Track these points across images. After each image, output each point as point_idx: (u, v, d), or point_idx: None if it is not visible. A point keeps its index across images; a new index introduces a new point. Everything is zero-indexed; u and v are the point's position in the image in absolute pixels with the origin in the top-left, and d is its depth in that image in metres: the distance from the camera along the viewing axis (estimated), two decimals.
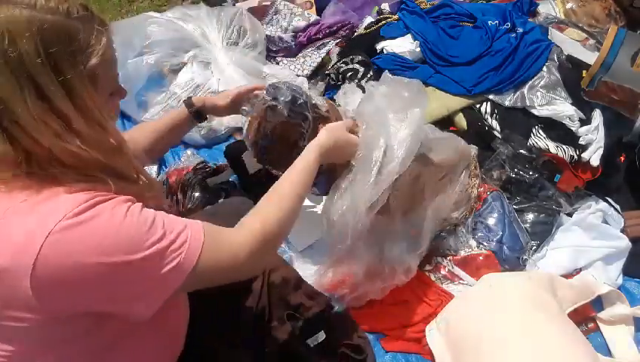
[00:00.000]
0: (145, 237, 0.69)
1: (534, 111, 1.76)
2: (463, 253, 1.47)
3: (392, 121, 1.20)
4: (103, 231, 0.66)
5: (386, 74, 1.38)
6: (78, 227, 0.64)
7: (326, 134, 1.07)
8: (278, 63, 2.21)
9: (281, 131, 1.20)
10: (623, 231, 1.50)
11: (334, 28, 2.20)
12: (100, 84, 0.72)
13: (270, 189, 0.95)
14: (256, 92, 1.24)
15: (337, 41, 2.17)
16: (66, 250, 0.64)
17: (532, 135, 1.71)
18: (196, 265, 0.73)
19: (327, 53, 2.15)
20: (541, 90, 1.77)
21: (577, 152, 1.68)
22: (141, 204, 0.73)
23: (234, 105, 1.27)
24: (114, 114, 0.82)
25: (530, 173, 1.60)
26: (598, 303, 1.40)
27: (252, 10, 2.29)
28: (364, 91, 1.90)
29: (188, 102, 1.25)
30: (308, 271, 1.39)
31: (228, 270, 0.81)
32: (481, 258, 1.44)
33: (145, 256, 0.68)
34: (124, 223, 0.68)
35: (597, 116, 1.74)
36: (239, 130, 2.01)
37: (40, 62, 0.63)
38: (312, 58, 2.15)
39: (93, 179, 0.70)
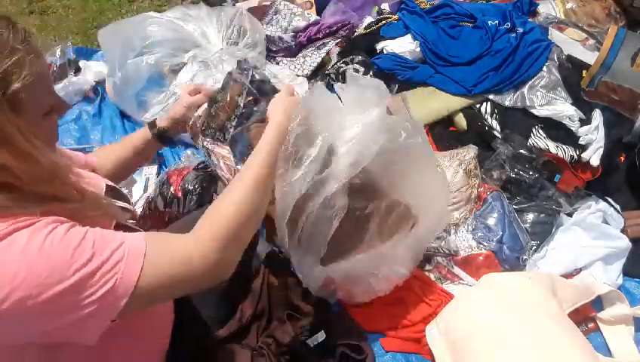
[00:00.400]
0: (68, 264, 0.62)
1: (534, 112, 1.75)
2: (463, 253, 1.47)
3: (346, 123, 1.03)
4: (18, 262, 0.59)
5: (351, 73, 1.30)
6: None
7: (281, 113, 0.95)
8: (278, 63, 2.21)
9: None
10: (623, 231, 1.50)
11: (334, 28, 2.19)
12: (27, 108, 0.64)
13: (231, 182, 0.88)
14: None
15: (337, 41, 2.17)
16: None
17: (532, 135, 1.72)
18: (138, 283, 0.66)
19: (327, 53, 2.15)
20: (541, 90, 1.77)
21: (577, 152, 1.68)
22: (69, 224, 0.66)
23: (188, 113, 1.16)
24: (51, 134, 0.74)
25: (530, 173, 1.60)
26: (598, 303, 1.40)
27: (252, 10, 2.28)
28: None
29: (151, 123, 1.18)
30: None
31: (183, 280, 0.73)
32: (481, 258, 1.44)
33: (70, 285, 0.62)
34: (43, 250, 0.61)
35: (597, 116, 1.74)
36: None
37: None
38: (312, 58, 2.15)
39: (16, 203, 0.64)
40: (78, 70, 2.19)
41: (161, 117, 1.19)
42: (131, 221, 0.94)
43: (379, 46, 2.03)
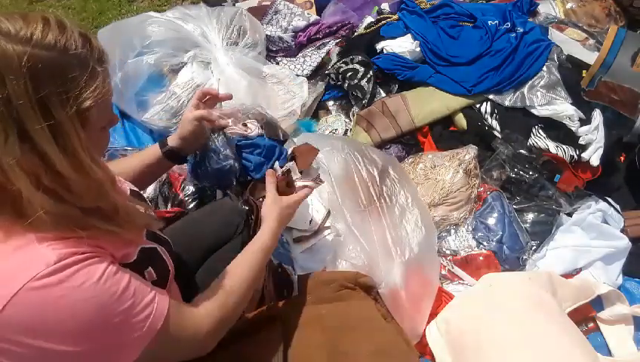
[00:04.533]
0: (115, 306, 0.68)
1: (534, 111, 1.76)
2: (463, 253, 1.47)
3: None
4: (74, 296, 0.65)
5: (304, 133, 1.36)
6: (50, 289, 0.63)
7: (276, 217, 1.04)
8: (278, 63, 2.21)
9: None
10: (623, 231, 1.50)
11: (334, 28, 2.19)
12: (92, 124, 0.68)
13: (229, 269, 0.95)
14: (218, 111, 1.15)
15: (337, 40, 2.16)
16: (33, 311, 0.62)
17: (532, 135, 1.71)
18: (157, 336, 0.74)
19: (327, 53, 2.15)
20: (541, 89, 1.77)
21: (577, 152, 1.68)
22: (116, 267, 0.71)
23: (199, 127, 1.12)
24: (104, 146, 0.79)
25: (530, 173, 1.60)
26: (598, 303, 1.40)
27: (252, 10, 2.28)
28: (363, 91, 1.91)
29: (162, 143, 1.15)
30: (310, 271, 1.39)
31: (186, 346, 0.82)
32: (481, 258, 1.44)
33: (113, 324, 0.68)
34: (97, 289, 0.67)
35: (597, 116, 1.74)
36: None
37: (29, 105, 0.59)
38: (311, 58, 2.15)
39: (63, 213, 0.67)
40: None
41: (172, 135, 1.15)
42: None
43: (379, 46, 2.03)
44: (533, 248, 1.49)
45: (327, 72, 2.06)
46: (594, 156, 1.67)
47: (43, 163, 0.62)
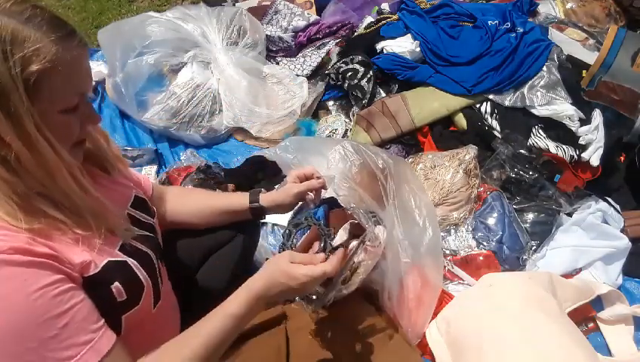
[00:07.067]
0: (34, 328, 0.63)
1: (534, 111, 1.75)
2: (463, 253, 1.47)
3: None
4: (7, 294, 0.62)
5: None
6: None
7: (263, 283, 0.85)
8: (278, 63, 2.21)
9: None
10: (623, 231, 1.50)
11: (334, 28, 2.20)
12: (42, 94, 0.66)
13: (186, 332, 0.81)
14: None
15: (337, 40, 2.17)
16: None
17: (532, 135, 1.71)
18: None
19: (327, 53, 2.15)
20: (541, 89, 1.77)
21: (577, 152, 1.67)
22: (67, 287, 0.66)
23: (296, 202, 1.11)
24: (66, 132, 0.73)
25: (530, 173, 1.60)
26: (598, 303, 1.40)
27: (252, 10, 2.29)
28: (363, 91, 1.91)
29: (254, 198, 1.11)
30: None
31: None
32: (481, 258, 1.44)
33: (22, 347, 0.62)
34: (26, 301, 0.62)
35: (597, 116, 1.74)
36: (239, 129, 2.01)
37: None
38: (311, 58, 2.15)
39: (11, 188, 0.65)
40: None
41: (265, 193, 1.11)
42: (150, 234, 0.93)
43: (379, 46, 2.03)
44: (533, 248, 1.49)
45: (327, 72, 2.06)
46: (594, 156, 1.67)
47: None
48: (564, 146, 1.68)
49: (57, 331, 0.64)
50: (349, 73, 1.93)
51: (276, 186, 1.11)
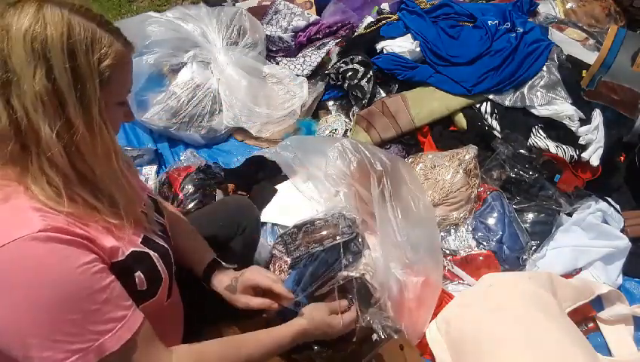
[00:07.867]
0: (79, 301, 0.66)
1: (534, 111, 1.76)
2: (463, 253, 1.47)
3: None
4: (45, 269, 0.65)
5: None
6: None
7: (312, 323, 0.98)
8: (278, 63, 2.21)
9: None
10: (623, 231, 1.50)
11: (334, 28, 2.20)
12: (110, 87, 0.75)
13: (232, 338, 0.93)
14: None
15: (337, 40, 2.17)
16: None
17: (532, 135, 1.72)
18: (107, 356, 0.68)
19: (327, 53, 2.15)
20: (541, 89, 1.77)
21: (577, 152, 1.68)
22: (102, 266, 0.70)
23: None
24: (116, 124, 0.82)
25: (530, 173, 1.60)
26: (598, 303, 1.40)
27: (252, 10, 2.29)
28: (363, 91, 1.91)
29: (214, 261, 1.07)
30: None
31: None
32: (481, 258, 1.44)
33: (66, 319, 0.65)
34: (72, 274, 0.66)
35: (597, 116, 1.74)
36: (239, 129, 2.01)
37: (59, 47, 0.68)
38: (311, 58, 2.15)
39: (64, 194, 0.69)
40: None
41: (228, 274, 1.05)
42: (161, 233, 0.94)
43: (379, 46, 2.03)
44: (533, 248, 1.49)
45: (327, 72, 2.06)
46: (594, 156, 1.67)
47: (60, 108, 0.68)
48: (564, 146, 1.68)
49: (99, 305, 0.68)
50: (349, 73, 1.93)
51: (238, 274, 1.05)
